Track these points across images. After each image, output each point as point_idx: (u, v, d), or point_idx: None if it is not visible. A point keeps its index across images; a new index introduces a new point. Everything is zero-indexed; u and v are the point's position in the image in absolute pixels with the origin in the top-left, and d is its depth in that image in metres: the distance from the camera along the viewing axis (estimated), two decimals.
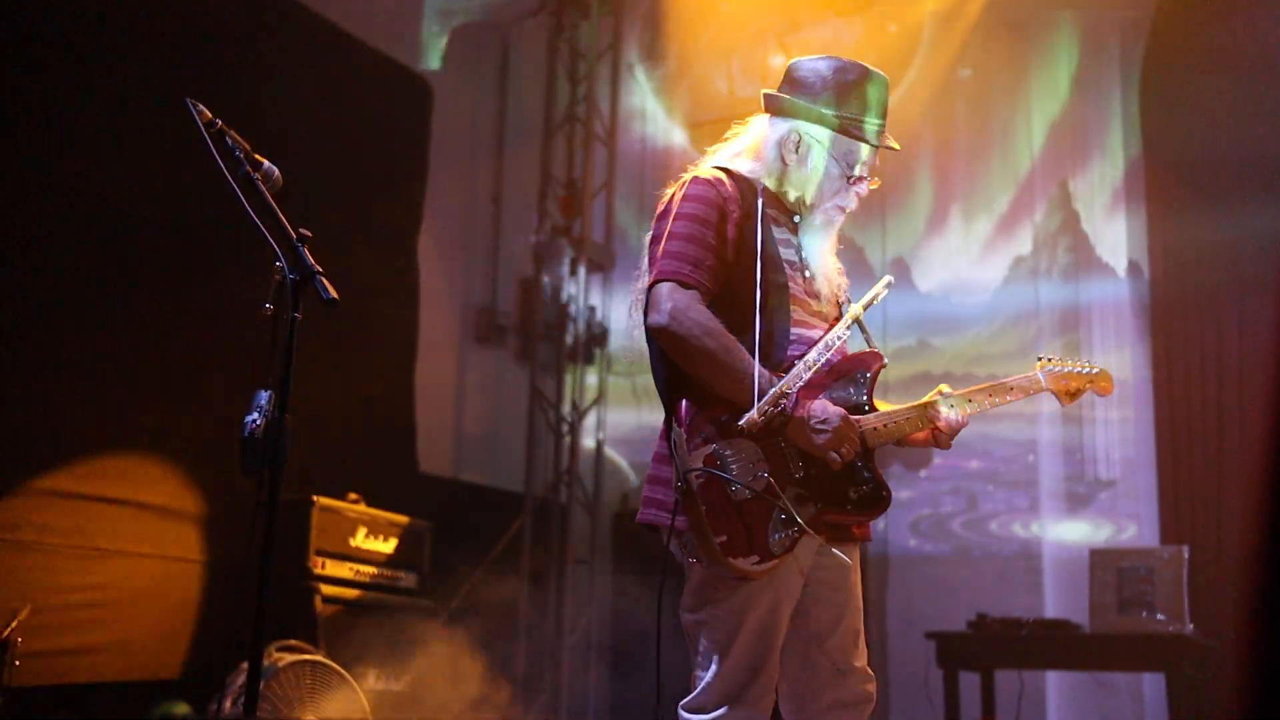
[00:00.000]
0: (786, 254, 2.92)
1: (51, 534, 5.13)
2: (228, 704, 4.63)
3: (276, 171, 2.87)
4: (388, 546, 6.02)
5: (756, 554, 2.66)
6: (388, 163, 7.44)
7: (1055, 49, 7.74)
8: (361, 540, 5.88)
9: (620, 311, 9.12)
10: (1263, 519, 0.69)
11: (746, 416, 2.66)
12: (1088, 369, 3.07)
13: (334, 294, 2.51)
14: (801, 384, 2.75)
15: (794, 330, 2.86)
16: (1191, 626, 5.79)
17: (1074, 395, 3.05)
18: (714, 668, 2.77)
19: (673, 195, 2.94)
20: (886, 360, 2.94)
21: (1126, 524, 7.14)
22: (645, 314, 2.81)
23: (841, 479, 2.78)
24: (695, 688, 2.82)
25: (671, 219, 2.87)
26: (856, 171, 2.95)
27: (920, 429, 2.89)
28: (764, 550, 2.67)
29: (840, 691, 2.87)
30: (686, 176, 2.98)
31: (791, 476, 2.73)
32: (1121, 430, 7.24)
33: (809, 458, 2.75)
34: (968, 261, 7.68)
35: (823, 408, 2.75)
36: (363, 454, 6.72)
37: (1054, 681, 7.03)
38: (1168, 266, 7.24)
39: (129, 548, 5.41)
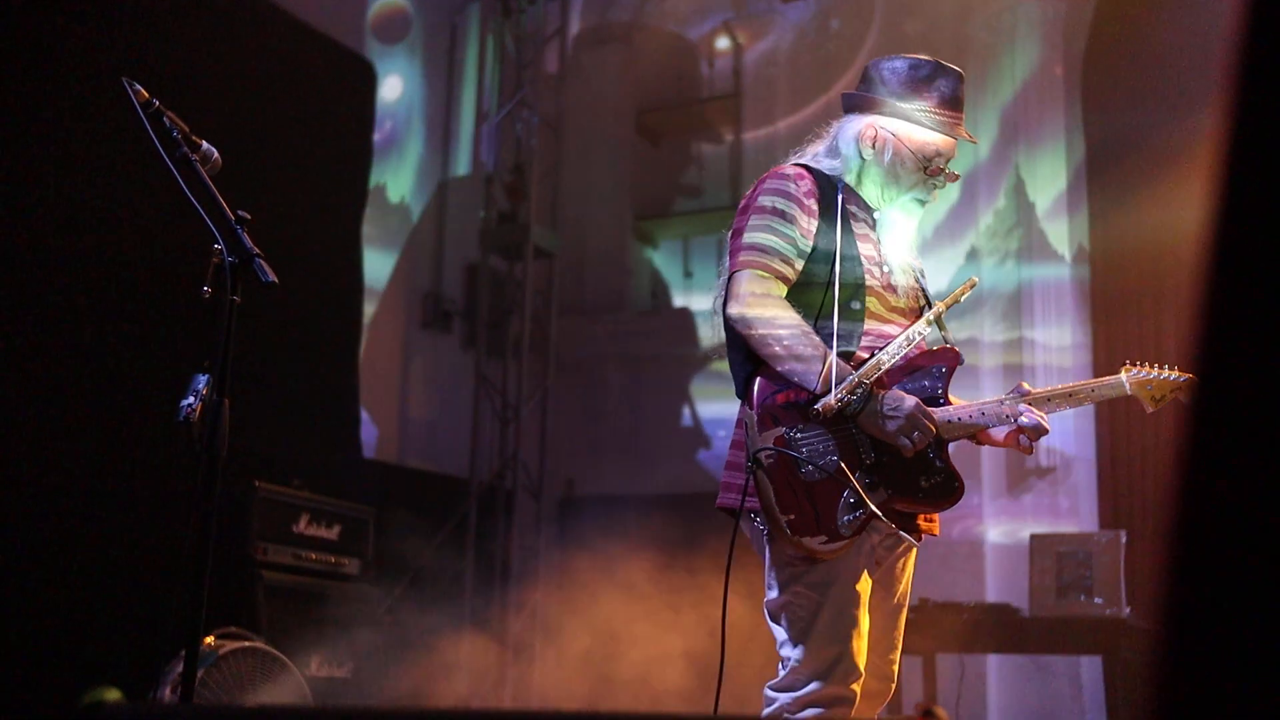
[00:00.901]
0: (865, 249, 2.97)
1: None
2: (166, 692, 4.57)
3: (216, 153, 2.83)
4: (331, 533, 5.98)
5: (825, 534, 2.72)
6: (331, 145, 7.36)
7: (1002, 36, 7.79)
8: (305, 526, 5.84)
9: (564, 296, 9.10)
10: (1179, 499, 0.69)
11: (822, 401, 2.72)
12: (1176, 375, 3.02)
13: (273, 277, 2.48)
14: (879, 374, 2.81)
15: (870, 324, 2.91)
16: (1129, 610, 5.88)
17: (1159, 402, 3.01)
18: (799, 648, 2.81)
19: (754, 190, 3.00)
20: (964, 359, 2.99)
21: (1066, 509, 7.23)
22: (724, 302, 2.88)
23: (913, 468, 2.82)
24: (783, 669, 2.85)
25: (751, 212, 2.94)
26: (933, 164, 3.01)
27: (996, 425, 2.91)
28: (832, 531, 2.72)
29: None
30: (769, 172, 3.04)
31: (862, 462, 2.78)
32: (1061, 418, 7.30)
33: (881, 445, 2.80)
34: (920, 246, 7.72)
35: (895, 396, 2.79)
36: (306, 440, 6.66)
37: (994, 665, 7.11)
38: (1108, 256, 7.33)
39: (61, 535, 5.32)
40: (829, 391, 2.73)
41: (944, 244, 7.73)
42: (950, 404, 2.92)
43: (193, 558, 2.47)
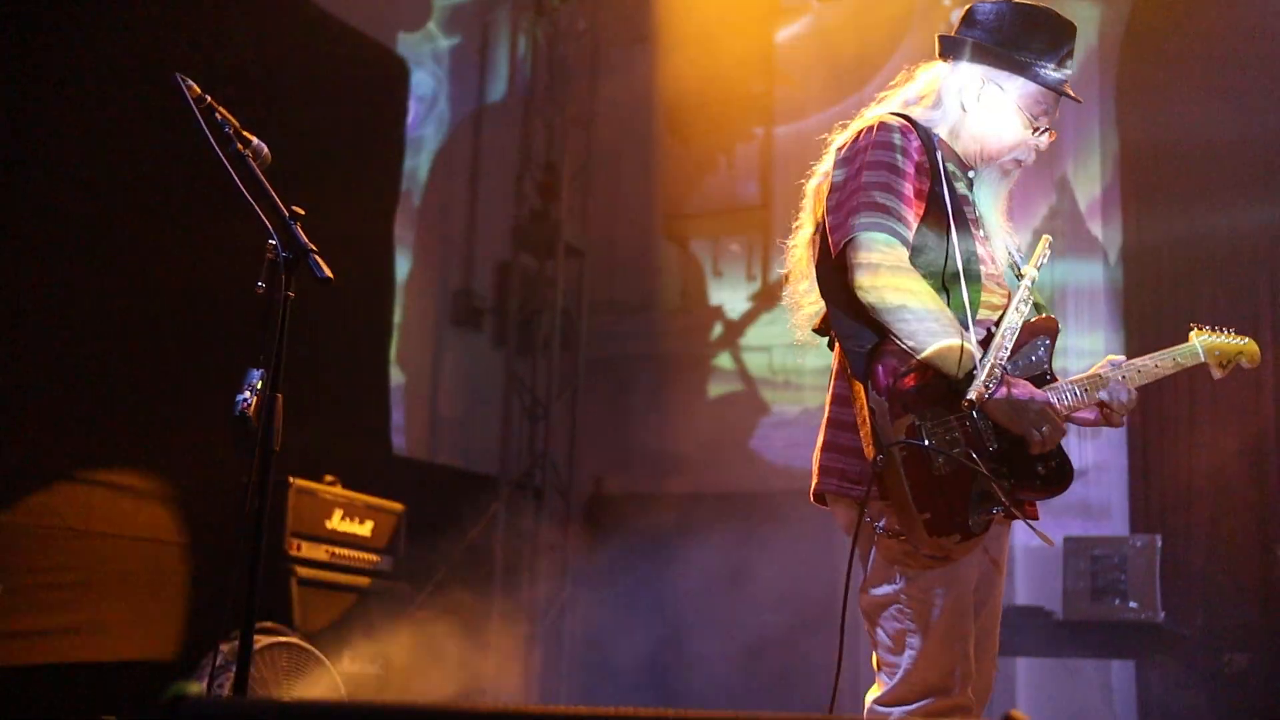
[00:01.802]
0: (968, 211, 2.72)
1: (23, 513, 5.06)
2: (203, 687, 4.58)
3: (265, 149, 2.84)
4: (364, 529, 5.99)
5: (958, 532, 2.49)
6: (364, 142, 7.37)
7: None
8: (337, 523, 5.84)
9: (594, 293, 9.09)
10: None
11: (974, 389, 2.50)
12: (1237, 339, 2.91)
13: (328, 273, 2.48)
14: (1006, 355, 2.59)
15: (983, 296, 2.68)
16: (1163, 615, 5.85)
17: (1226, 366, 2.88)
18: (911, 653, 2.58)
19: (858, 141, 2.68)
20: (1061, 326, 2.78)
21: (1097, 512, 7.18)
22: (847, 268, 2.55)
23: (1031, 455, 2.59)
24: (889, 677, 2.61)
25: (864, 166, 2.61)
26: (1039, 121, 2.77)
27: (1097, 401, 2.70)
28: (964, 529, 2.50)
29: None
30: (871, 121, 2.72)
31: (986, 450, 2.56)
32: None
33: (1001, 432, 2.57)
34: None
35: (1026, 388, 2.57)
36: (337, 436, 6.67)
37: (1023, 667, 7.08)
38: (1142, 256, 7.28)
39: (102, 528, 5.34)
40: (968, 377, 2.51)
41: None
42: (1055, 380, 2.71)
43: (238, 553, 2.47)
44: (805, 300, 2.84)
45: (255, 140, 2.82)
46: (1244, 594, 6.41)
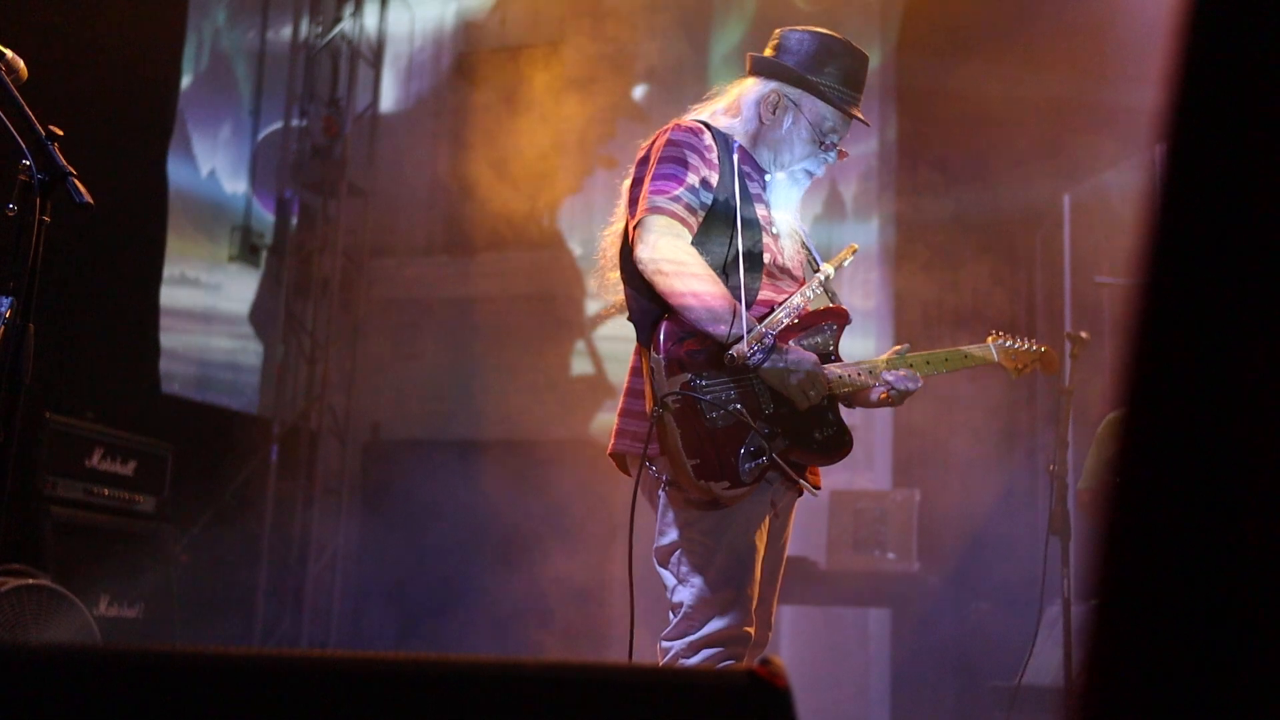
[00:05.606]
0: (759, 209, 3.03)
1: None
2: None
3: (21, 62, 2.67)
4: (126, 468, 5.77)
5: (727, 479, 2.76)
6: (139, 67, 7.02)
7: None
8: (98, 461, 5.62)
9: (378, 235, 8.93)
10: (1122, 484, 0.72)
11: (735, 348, 2.78)
12: (1035, 348, 3.22)
13: (88, 198, 2.36)
14: (781, 327, 2.90)
15: (765, 280, 2.97)
16: (918, 565, 6.16)
17: (1022, 371, 3.20)
18: (692, 592, 2.84)
19: (655, 141, 3.02)
20: (852, 318, 3.08)
21: (862, 467, 7.47)
22: (632, 247, 2.88)
23: (808, 420, 2.89)
24: (675, 615, 2.87)
25: (656, 161, 2.95)
26: (827, 138, 3.07)
27: (879, 384, 2.99)
28: (734, 477, 2.77)
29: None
30: (670, 125, 3.05)
31: (762, 411, 2.83)
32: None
33: (779, 397, 2.85)
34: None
35: (798, 353, 2.87)
36: (102, 372, 6.40)
37: (786, 616, 7.33)
38: (915, 218, 7.57)
39: None
40: (738, 341, 2.78)
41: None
42: (840, 360, 3.01)
43: None
44: (615, 290, 3.11)
45: (9, 52, 2.65)
46: (990, 548, 6.80)
